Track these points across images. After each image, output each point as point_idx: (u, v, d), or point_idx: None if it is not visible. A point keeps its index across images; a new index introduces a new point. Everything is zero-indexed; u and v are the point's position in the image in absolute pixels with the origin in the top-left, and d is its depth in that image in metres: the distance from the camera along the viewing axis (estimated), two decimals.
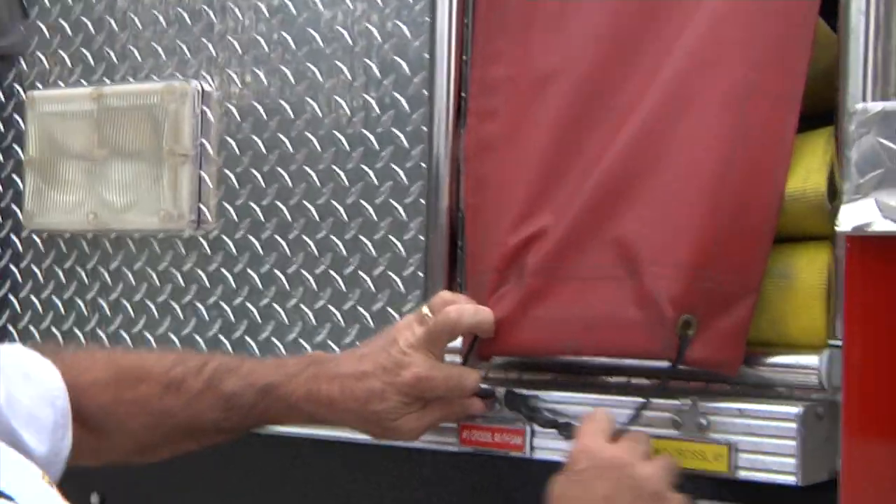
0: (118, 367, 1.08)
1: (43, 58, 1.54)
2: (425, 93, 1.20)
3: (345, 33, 1.26)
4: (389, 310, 1.24)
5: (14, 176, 1.54)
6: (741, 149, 0.96)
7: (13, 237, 1.54)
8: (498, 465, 1.11)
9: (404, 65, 1.23)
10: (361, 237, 1.26)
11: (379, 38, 1.24)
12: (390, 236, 1.23)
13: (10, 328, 1.48)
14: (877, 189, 0.83)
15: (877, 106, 0.84)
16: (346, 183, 1.27)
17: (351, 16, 1.26)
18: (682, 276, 0.91)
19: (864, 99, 0.93)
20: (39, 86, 1.53)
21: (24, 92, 1.53)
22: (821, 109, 1.01)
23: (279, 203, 1.32)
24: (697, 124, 0.96)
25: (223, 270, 1.36)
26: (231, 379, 1.04)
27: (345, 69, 1.26)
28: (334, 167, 1.28)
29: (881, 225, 0.81)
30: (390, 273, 1.23)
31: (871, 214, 0.82)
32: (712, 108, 0.97)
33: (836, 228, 0.85)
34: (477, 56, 1.15)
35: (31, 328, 1.49)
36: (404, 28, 1.23)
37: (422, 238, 1.19)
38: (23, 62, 1.53)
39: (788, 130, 0.98)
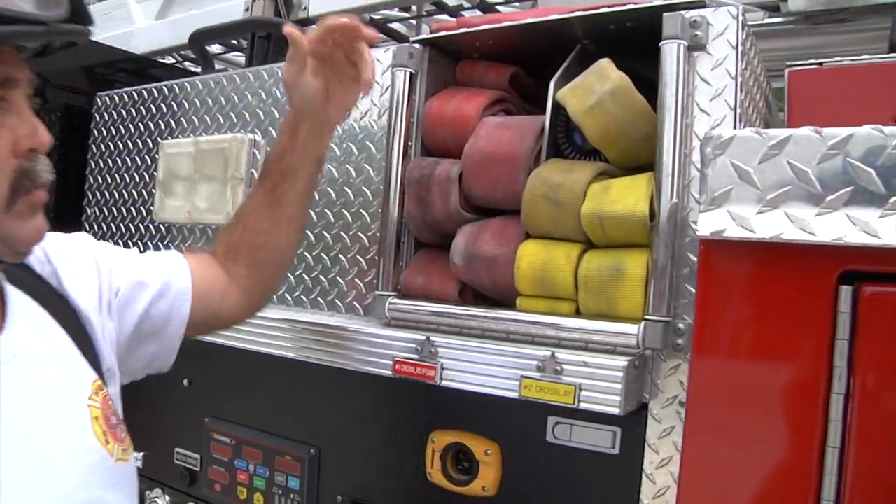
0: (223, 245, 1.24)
1: (172, 122, 1.94)
2: (385, 143, 1.44)
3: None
4: (356, 280, 1.53)
5: (152, 190, 1.93)
6: None
7: (149, 225, 1.95)
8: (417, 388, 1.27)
9: (376, 127, 1.53)
10: (342, 233, 1.56)
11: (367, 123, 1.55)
12: (360, 233, 1.54)
13: None
14: (728, 201, 0.88)
15: (728, 132, 0.89)
16: (335, 197, 1.57)
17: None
18: None
19: (673, 153, 1.10)
20: (169, 137, 1.94)
21: (161, 140, 1.93)
22: (643, 160, 1.18)
23: None
24: None
25: None
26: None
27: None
28: (327, 188, 1.58)
29: (733, 231, 0.87)
30: (358, 257, 1.53)
31: (725, 222, 0.88)
32: None
33: (696, 233, 0.92)
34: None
35: None
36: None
37: (378, 234, 1.44)
38: (162, 124, 1.96)
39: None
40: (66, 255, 1.04)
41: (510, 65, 1.42)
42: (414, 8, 2.33)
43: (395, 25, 2.36)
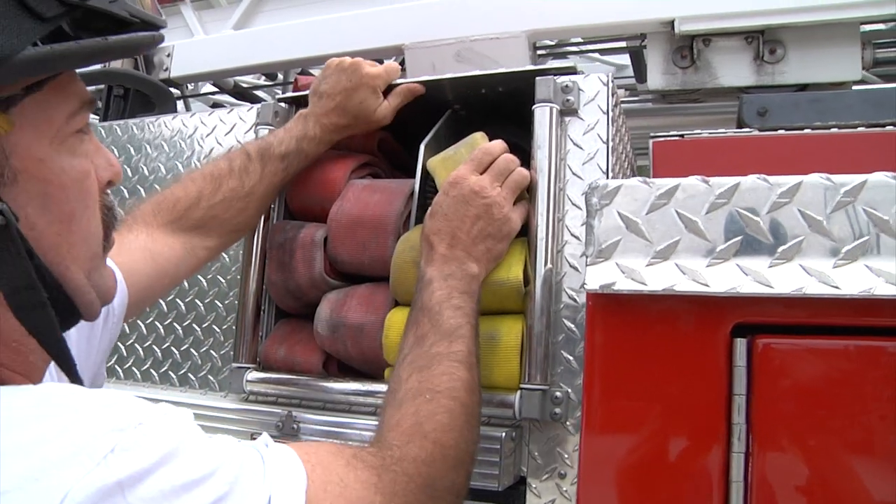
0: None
1: None
2: None
3: None
4: (212, 352, 1.37)
5: None
6: None
7: None
8: None
9: None
10: (197, 300, 1.40)
11: None
12: (216, 301, 1.38)
13: None
14: (616, 253, 0.83)
15: (615, 182, 0.84)
16: None
17: None
18: None
19: (547, 217, 1.06)
20: None
21: None
22: None
23: None
24: None
25: None
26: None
27: None
28: None
29: (624, 284, 0.81)
30: (214, 326, 1.37)
31: (614, 275, 0.82)
32: None
33: (585, 287, 0.83)
34: None
35: None
36: None
37: (237, 302, 1.31)
38: None
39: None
40: None
41: (378, 129, 1.34)
42: (280, 76, 2.23)
43: (261, 94, 2.26)
